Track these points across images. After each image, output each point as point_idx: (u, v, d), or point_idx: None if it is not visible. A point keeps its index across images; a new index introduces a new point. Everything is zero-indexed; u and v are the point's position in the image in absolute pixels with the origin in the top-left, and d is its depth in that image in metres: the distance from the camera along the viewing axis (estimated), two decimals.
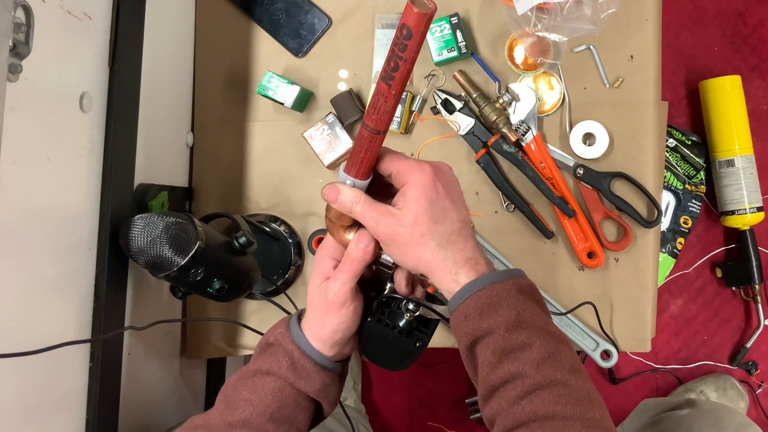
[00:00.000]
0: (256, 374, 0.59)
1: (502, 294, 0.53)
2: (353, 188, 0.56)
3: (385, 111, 0.52)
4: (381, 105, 0.52)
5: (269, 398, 0.58)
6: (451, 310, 0.55)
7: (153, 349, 0.90)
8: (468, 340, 0.54)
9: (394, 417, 1.42)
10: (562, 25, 0.85)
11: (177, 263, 0.71)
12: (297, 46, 0.96)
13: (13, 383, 0.62)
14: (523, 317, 0.53)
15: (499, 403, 0.51)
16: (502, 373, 0.51)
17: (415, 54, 0.50)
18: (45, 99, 0.65)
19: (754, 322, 1.35)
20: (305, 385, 0.59)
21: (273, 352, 0.60)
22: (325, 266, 0.60)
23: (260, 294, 0.94)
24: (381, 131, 0.53)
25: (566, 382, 0.50)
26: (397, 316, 0.61)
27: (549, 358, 0.51)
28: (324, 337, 0.59)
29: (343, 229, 0.59)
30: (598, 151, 0.91)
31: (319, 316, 0.59)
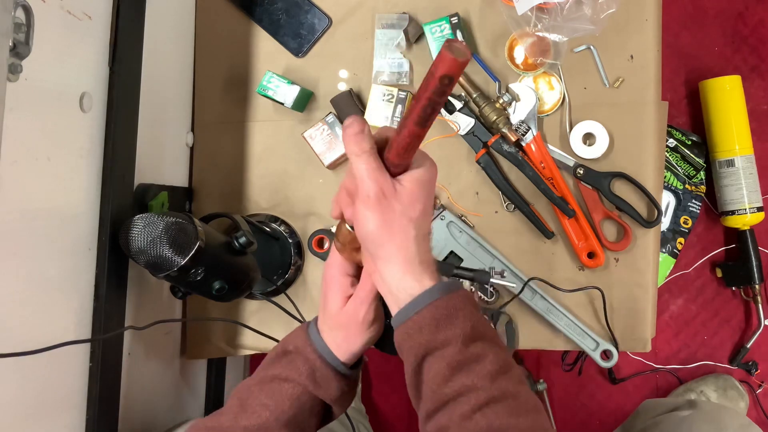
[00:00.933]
0: (274, 380, 0.59)
1: (459, 305, 0.52)
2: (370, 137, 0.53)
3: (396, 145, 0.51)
4: (394, 141, 0.51)
5: (287, 404, 0.58)
6: (401, 320, 0.52)
7: (153, 349, 0.90)
8: (419, 353, 0.52)
9: (394, 417, 1.42)
10: (562, 25, 0.85)
11: (177, 263, 0.71)
12: (297, 46, 0.96)
13: (14, 383, 0.62)
14: (477, 328, 0.51)
15: (450, 417, 0.49)
16: (456, 386, 0.49)
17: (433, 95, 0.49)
18: (45, 99, 0.65)
19: (754, 322, 1.35)
20: (324, 393, 0.59)
21: (292, 360, 0.60)
22: (342, 284, 0.60)
23: (260, 294, 0.94)
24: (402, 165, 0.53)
25: (517, 394, 0.50)
26: None
27: (502, 370, 0.50)
28: (353, 351, 0.60)
29: (354, 251, 0.59)
30: (598, 151, 0.91)
31: (349, 335, 0.60)
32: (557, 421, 1.34)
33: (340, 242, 0.59)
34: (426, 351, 0.51)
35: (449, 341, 0.51)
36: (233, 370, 1.22)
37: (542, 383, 1.31)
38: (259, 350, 0.98)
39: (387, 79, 0.93)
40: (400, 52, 0.93)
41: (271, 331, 0.88)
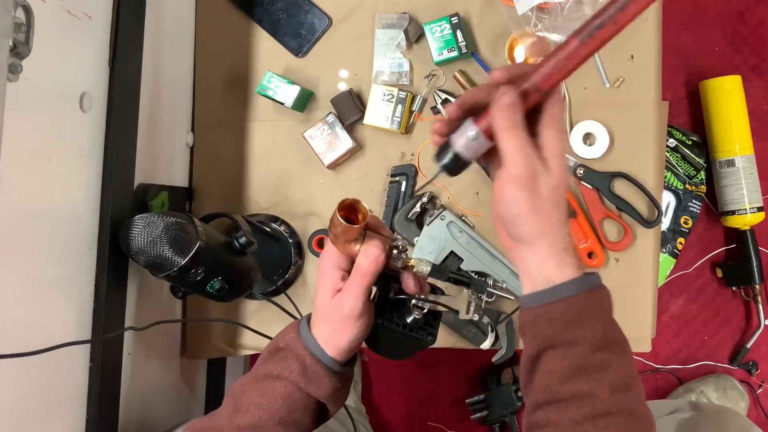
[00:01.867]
0: (266, 378, 0.59)
1: (595, 305, 0.50)
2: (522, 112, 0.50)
3: (559, 69, 0.48)
4: (560, 62, 0.48)
5: (279, 402, 0.58)
6: (532, 305, 0.51)
7: (153, 349, 0.90)
8: (542, 343, 0.51)
9: (394, 417, 1.42)
10: (562, 25, 0.85)
11: (177, 263, 0.71)
12: (297, 46, 0.96)
13: (14, 383, 0.62)
14: (608, 335, 0.50)
15: (560, 416, 0.49)
16: (573, 389, 0.48)
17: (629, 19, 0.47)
18: (45, 99, 0.65)
19: (754, 322, 1.35)
20: (316, 390, 0.59)
21: (284, 357, 0.60)
22: (333, 277, 0.60)
23: (260, 294, 0.94)
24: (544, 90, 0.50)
25: (633, 410, 0.49)
26: (405, 313, 0.62)
27: (623, 384, 0.49)
28: (340, 347, 0.60)
29: (348, 243, 0.59)
30: (598, 151, 0.91)
31: (335, 329, 0.59)
32: None
33: (333, 233, 0.58)
34: (550, 344, 0.50)
35: (576, 342, 0.49)
36: (233, 370, 1.22)
37: None
38: (259, 350, 0.98)
39: (387, 79, 0.93)
40: (400, 52, 0.93)
41: (271, 331, 0.87)
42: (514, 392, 1.30)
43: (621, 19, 0.46)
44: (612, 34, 0.47)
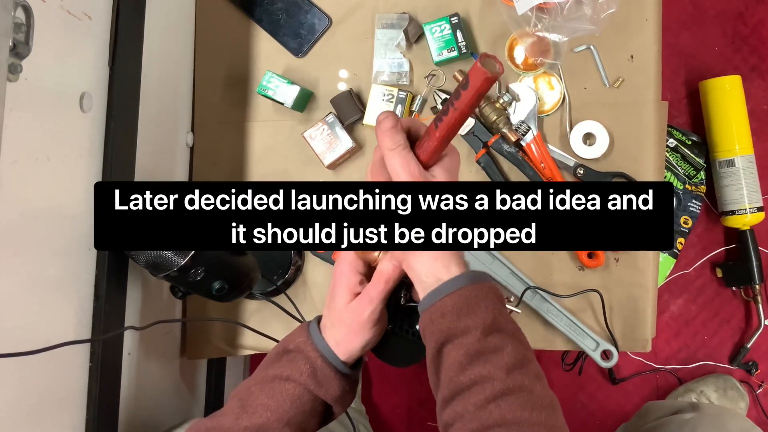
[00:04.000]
0: (274, 380, 0.59)
1: (481, 295, 0.53)
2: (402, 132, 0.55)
3: (426, 149, 0.55)
4: (425, 142, 0.54)
5: (288, 404, 0.58)
6: (427, 305, 0.54)
7: (153, 349, 0.90)
8: (440, 338, 0.53)
9: (394, 417, 1.42)
10: (562, 25, 0.85)
11: (177, 263, 0.71)
12: (297, 46, 0.96)
13: (14, 383, 0.62)
14: (498, 321, 0.53)
15: (464, 405, 0.50)
16: (472, 375, 0.51)
17: (467, 107, 0.51)
18: (45, 99, 0.65)
19: (754, 322, 1.35)
20: (325, 393, 0.59)
21: (293, 359, 0.60)
22: (351, 281, 0.61)
23: (260, 294, 0.94)
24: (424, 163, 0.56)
25: (532, 388, 0.50)
26: (414, 321, 0.63)
27: (519, 364, 0.51)
28: (352, 351, 0.60)
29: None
30: (598, 151, 0.91)
31: (350, 333, 0.60)
32: None
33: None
34: (446, 338, 0.53)
35: (468, 329, 0.52)
36: (233, 370, 1.22)
37: None
38: (259, 350, 0.98)
39: (387, 79, 0.93)
40: (400, 52, 0.93)
41: (271, 331, 0.88)
42: None
43: (459, 106, 0.51)
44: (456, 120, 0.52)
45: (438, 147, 0.54)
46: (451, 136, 0.54)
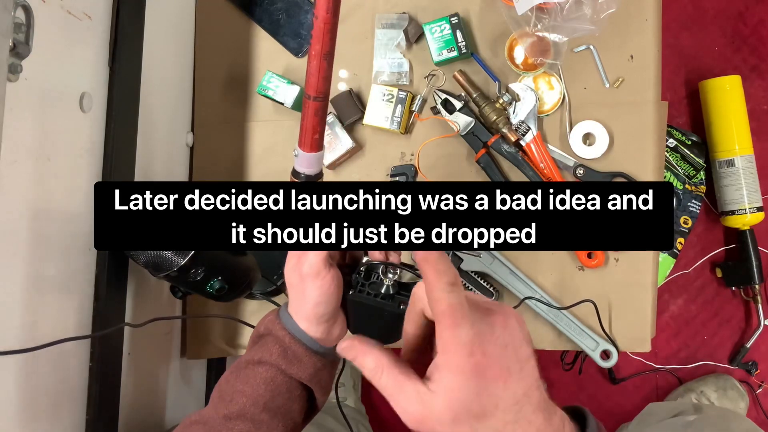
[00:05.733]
0: (248, 365, 0.59)
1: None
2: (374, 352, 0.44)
3: (311, 73, 0.53)
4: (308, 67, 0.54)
5: (262, 387, 0.58)
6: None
7: (153, 349, 0.90)
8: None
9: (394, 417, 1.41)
10: (562, 25, 0.85)
11: (177, 263, 0.71)
12: (297, 46, 0.96)
13: (14, 383, 0.62)
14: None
15: None
16: None
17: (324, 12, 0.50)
18: (45, 99, 0.65)
19: (754, 322, 1.35)
20: (297, 371, 0.59)
21: (264, 342, 0.60)
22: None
23: (260, 294, 0.94)
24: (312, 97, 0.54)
25: None
26: (378, 284, 0.62)
27: None
28: (308, 313, 0.59)
29: None
30: (598, 151, 0.91)
31: (298, 292, 0.59)
32: None
33: None
34: None
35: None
36: None
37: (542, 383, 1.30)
38: None
39: (387, 79, 0.93)
40: (400, 52, 0.93)
41: None
42: None
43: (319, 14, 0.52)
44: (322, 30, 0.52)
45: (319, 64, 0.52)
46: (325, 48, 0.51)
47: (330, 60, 0.53)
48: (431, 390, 0.40)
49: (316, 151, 0.56)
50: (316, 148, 0.56)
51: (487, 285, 0.92)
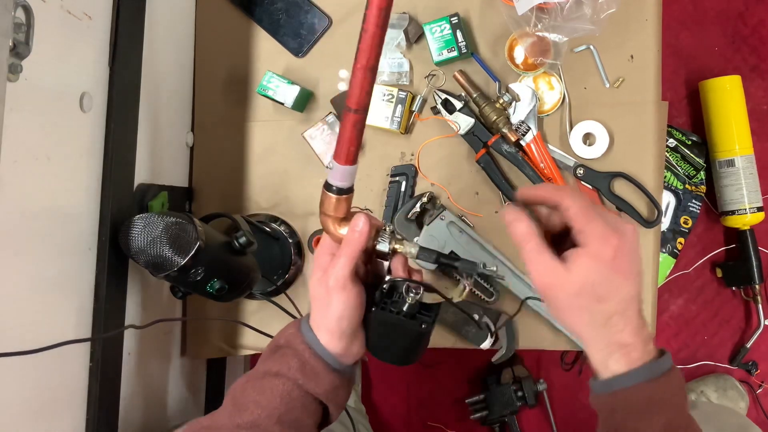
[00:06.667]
0: (265, 376, 0.59)
1: (656, 396, 0.50)
2: (528, 223, 0.53)
3: (354, 85, 0.53)
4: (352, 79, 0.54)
5: (277, 400, 0.58)
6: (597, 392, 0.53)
7: (153, 349, 0.90)
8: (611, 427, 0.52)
9: (394, 417, 1.42)
10: (562, 25, 0.85)
11: (177, 263, 0.71)
12: (297, 46, 0.96)
13: (14, 383, 0.62)
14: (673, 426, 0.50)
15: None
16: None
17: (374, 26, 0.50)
18: (45, 99, 0.65)
19: (754, 322, 1.35)
20: (314, 387, 0.59)
21: (283, 354, 0.60)
22: (324, 260, 0.60)
23: (260, 294, 0.94)
24: (353, 109, 0.54)
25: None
26: (399, 303, 0.62)
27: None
28: (330, 326, 0.59)
29: (338, 222, 0.60)
30: (598, 151, 0.91)
31: (322, 305, 0.59)
32: (557, 421, 1.34)
33: (323, 214, 0.59)
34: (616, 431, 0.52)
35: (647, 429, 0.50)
36: (233, 370, 1.22)
37: (542, 383, 1.31)
38: (259, 350, 0.98)
39: (387, 79, 0.93)
40: (400, 52, 0.93)
41: (271, 331, 0.88)
42: (513, 392, 1.30)
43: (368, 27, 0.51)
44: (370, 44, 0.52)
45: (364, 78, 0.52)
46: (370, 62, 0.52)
47: (374, 74, 0.53)
48: (567, 268, 0.51)
49: (351, 164, 0.56)
50: (351, 161, 0.56)
51: (487, 285, 0.92)
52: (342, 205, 0.58)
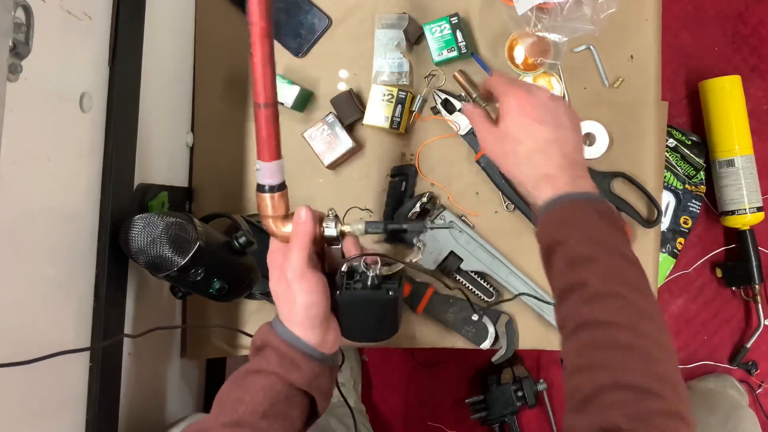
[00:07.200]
0: (247, 374, 0.60)
1: (579, 212, 0.58)
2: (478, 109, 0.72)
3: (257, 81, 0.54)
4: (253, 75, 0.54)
5: (261, 395, 0.58)
6: (535, 224, 0.63)
7: (153, 349, 0.90)
8: (545, 248, 0.60)
9: (394, 417, 1.42)
10: (562, 25, 0.85)
11: (177, 263, 0.71)
12: (297, 46, 0.96)
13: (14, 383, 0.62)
14: (593, 234, 0.57)
15: (566, 307, 0.56)
16: (571, 280, 0.56)
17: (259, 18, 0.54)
18: (45, 99, 0.65)
19: (754, 322, 1.35)
20: (296, 378, 0.59)
21: (263, 353, 0.61)
22: (276, 260, 0.63)
23: (260, 294, 0.94)
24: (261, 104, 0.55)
25: (627, 296, 0.53)
26: (363, 279, 0.63)
27: (614, 273, 0.55)
28: (300, 318, 0.60)
29: (280, 220, 0.61)
30: (598, 151, 0.91)
31: (287, 300, 0.61)
32: (557, 421, 1.34)
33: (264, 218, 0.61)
34: (549, 245, 0.59)
35: (566, 239, 0.57)
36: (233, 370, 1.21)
37: (542, 383, 1.31)
38: None
39: (387, 79, 0.93)
40: (400, 52, 0.93)
41: None
42: (513, 392, 1.30)
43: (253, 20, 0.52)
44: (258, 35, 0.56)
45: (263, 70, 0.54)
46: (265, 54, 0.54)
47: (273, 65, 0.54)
48: (497, 126, 0.68)
49: (275, 160, 0.57)
50: (275, 156, 0.56)
51: (486, 285, 0.92)
52: (280, 203, 0.59)
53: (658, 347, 0.51)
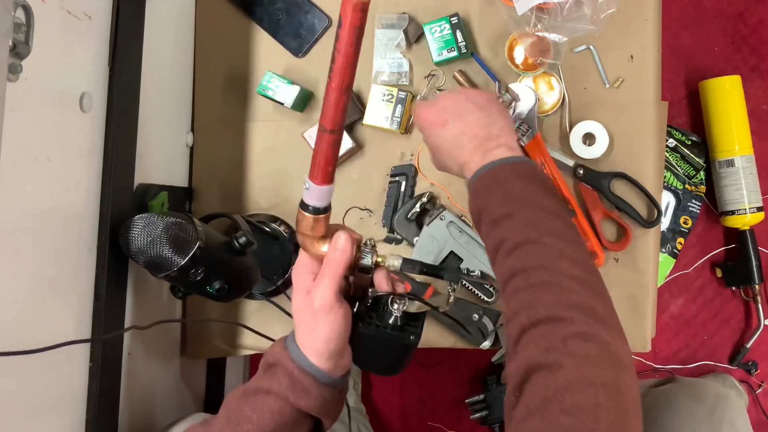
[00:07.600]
0: (257, 392, 0.59)
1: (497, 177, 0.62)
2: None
3: (328, 106, 0.52)
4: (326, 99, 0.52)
5: (268, 417, 0.58)
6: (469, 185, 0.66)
7: (153, 349, 0.90)
8: (475, 220, 0.63)
9: (394, 417, 1.42)
10: (562, 25, 0.85)
11: (177, 263, 0.71)
12: (297, 46, 0.96)
13: (14, 383, 0.62)
14: (511, 193, 0.60)
15: (496, 267, 0.58)
16: (494, 241, 0.58)
17: (348, 46, 0.49)
18: (45, 99, 0.65)
19: (754, 322, 1.35)
20: (305, 404, 0.58)
21: (273, 372, 0.60)
22: (304, 280, 0.60)
23: (260, 294, 0.94)
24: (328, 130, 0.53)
25: (540, 240, 0.55)
26: (385, 316, 0.61)
27: (529, 223, 0.57)
28: (318, 349, 0.58)
29: (316, 240, 0.59)
30: (598, 151, 0.91)
31: (309, 328, 0.59)
32: None
33: (301, 233, 0.59)
34: (476, 214, 0.63)
35: (486, 205, 0.61)
36: (233, 370, 1.22)
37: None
38: (259, 350, 0.98)
39: (387, 79, 0.93)
40: (400, 52, 0.93)
41: (271, 332, 0.88)
42: None
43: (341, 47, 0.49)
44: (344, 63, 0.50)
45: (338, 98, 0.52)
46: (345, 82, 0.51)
47: (349, 94, 0.52)
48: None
49: (327, 184, 0.55)
50: (327, 180, 0.55)
51: (487, 285, 0.92)
52: (319, 225, 0.57)
53: (573, 280, 0.52)
